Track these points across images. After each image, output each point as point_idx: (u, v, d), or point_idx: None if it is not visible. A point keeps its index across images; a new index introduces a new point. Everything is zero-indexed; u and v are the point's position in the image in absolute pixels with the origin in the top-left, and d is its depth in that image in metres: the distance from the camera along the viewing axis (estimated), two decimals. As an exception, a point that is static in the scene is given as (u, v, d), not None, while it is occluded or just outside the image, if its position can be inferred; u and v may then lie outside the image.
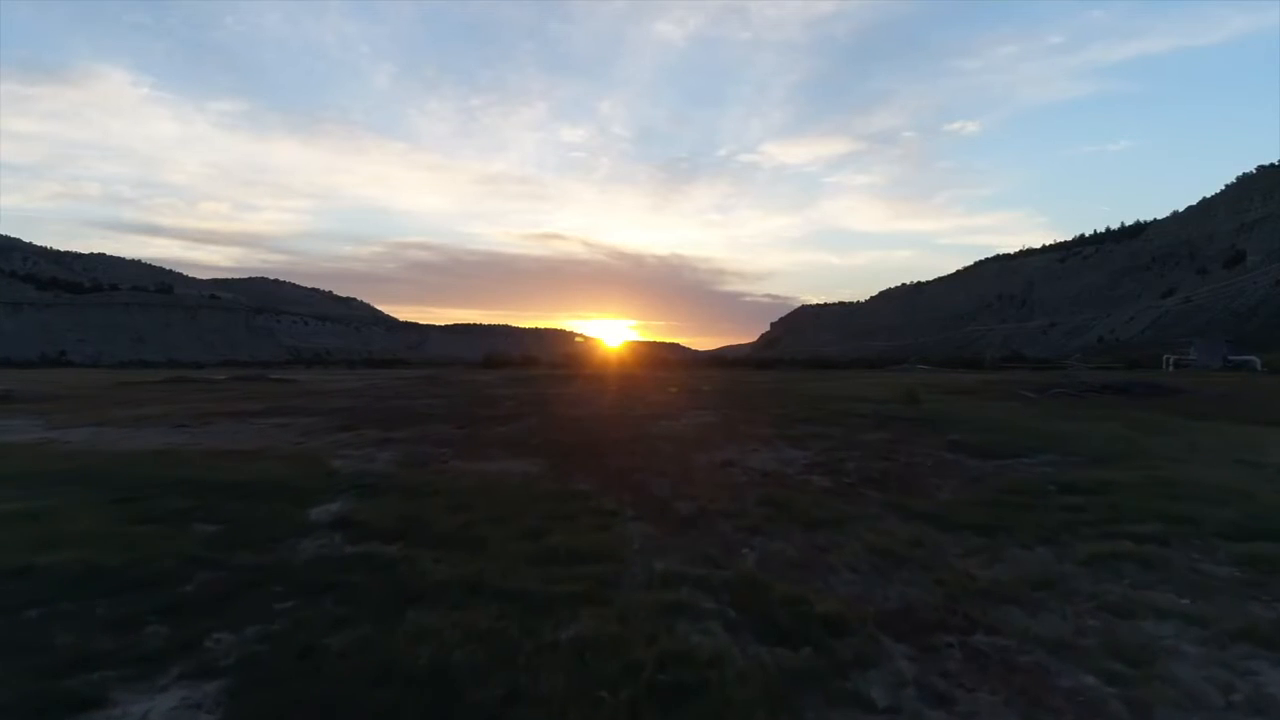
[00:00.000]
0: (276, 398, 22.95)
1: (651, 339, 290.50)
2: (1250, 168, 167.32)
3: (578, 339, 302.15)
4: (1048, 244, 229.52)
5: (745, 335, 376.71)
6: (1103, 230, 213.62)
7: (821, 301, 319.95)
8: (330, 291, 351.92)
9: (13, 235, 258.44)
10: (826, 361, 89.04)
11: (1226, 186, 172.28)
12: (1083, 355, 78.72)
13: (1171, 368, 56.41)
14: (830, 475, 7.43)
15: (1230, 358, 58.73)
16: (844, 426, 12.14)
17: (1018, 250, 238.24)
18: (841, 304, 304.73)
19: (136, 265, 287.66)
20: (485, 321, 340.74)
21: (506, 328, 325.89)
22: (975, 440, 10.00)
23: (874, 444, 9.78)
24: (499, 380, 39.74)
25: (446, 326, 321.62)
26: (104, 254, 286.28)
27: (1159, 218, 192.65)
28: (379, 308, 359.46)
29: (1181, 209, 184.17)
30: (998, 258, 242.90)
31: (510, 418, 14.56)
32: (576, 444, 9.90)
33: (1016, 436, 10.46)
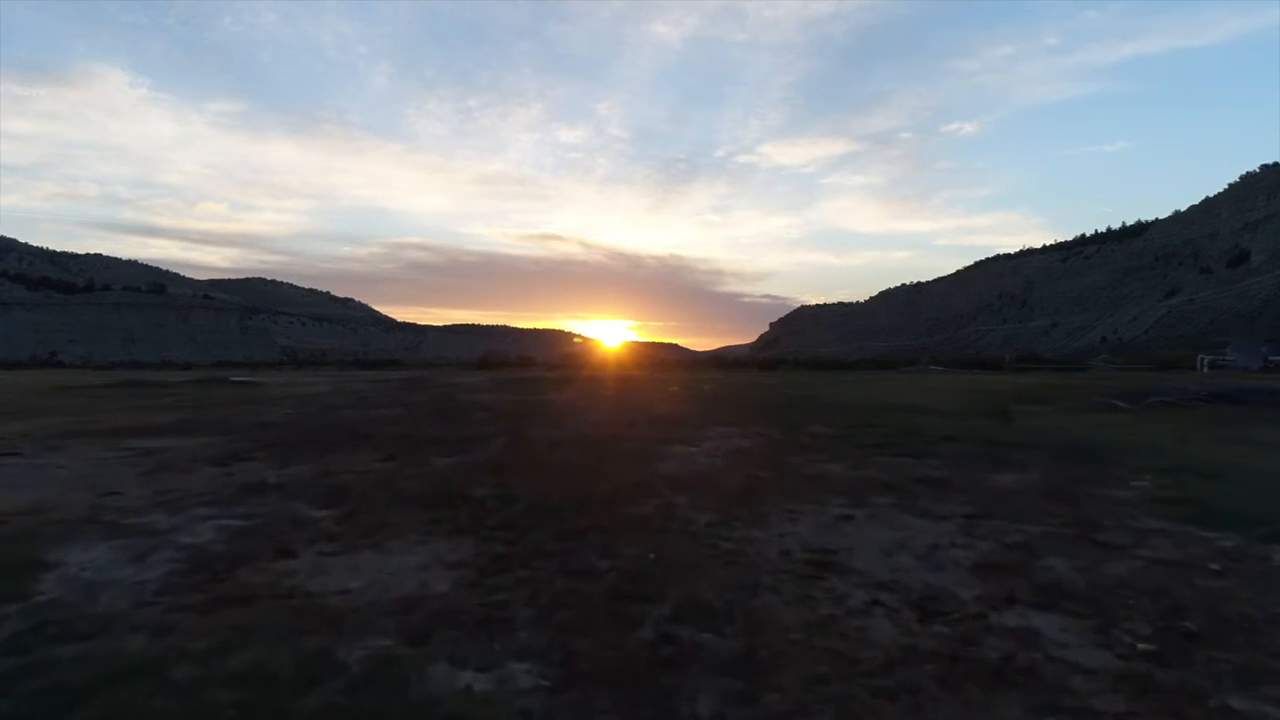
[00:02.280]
0: (204, 408, 19.08)
1: (650, 339, 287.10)
2: (1251, 167, 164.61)
3: (576, 339, 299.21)
4: (1048, 244, 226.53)
5: (744, 336, 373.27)
6: (1103, 230, 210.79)
7: (820, 302, 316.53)
8: (328, 292, 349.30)
9: (9, 236, 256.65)
10: (833, 362, 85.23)
11: (1230, 185, 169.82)
12: (1109, 356, 75.15)
13: (1207, 369, 52.82)
14: (1056, 612, 3.53)
15: (1271, 358, 55.10)
16: (942, 460, 8.31)
17: (1018, 250, 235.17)
18: (841, 304, 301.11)
19: (133, 265, 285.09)
20: (483, 322, 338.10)
21: (504, 328, 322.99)
22: (1197, 494, 6.17)
23: (1028, 504, 5.97)
24: (486, 383, 35.85)
25: (444, 327, 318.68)
26: (100, 254, 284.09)
27: (1160, 217, 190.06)
28: (377, 308, 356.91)
29: (1181, 209, 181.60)
30: (998, 258, 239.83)
31: (469, 442, 10.72)
32: (544, 503, 6.04)
33: (1250, 487, 6.63)
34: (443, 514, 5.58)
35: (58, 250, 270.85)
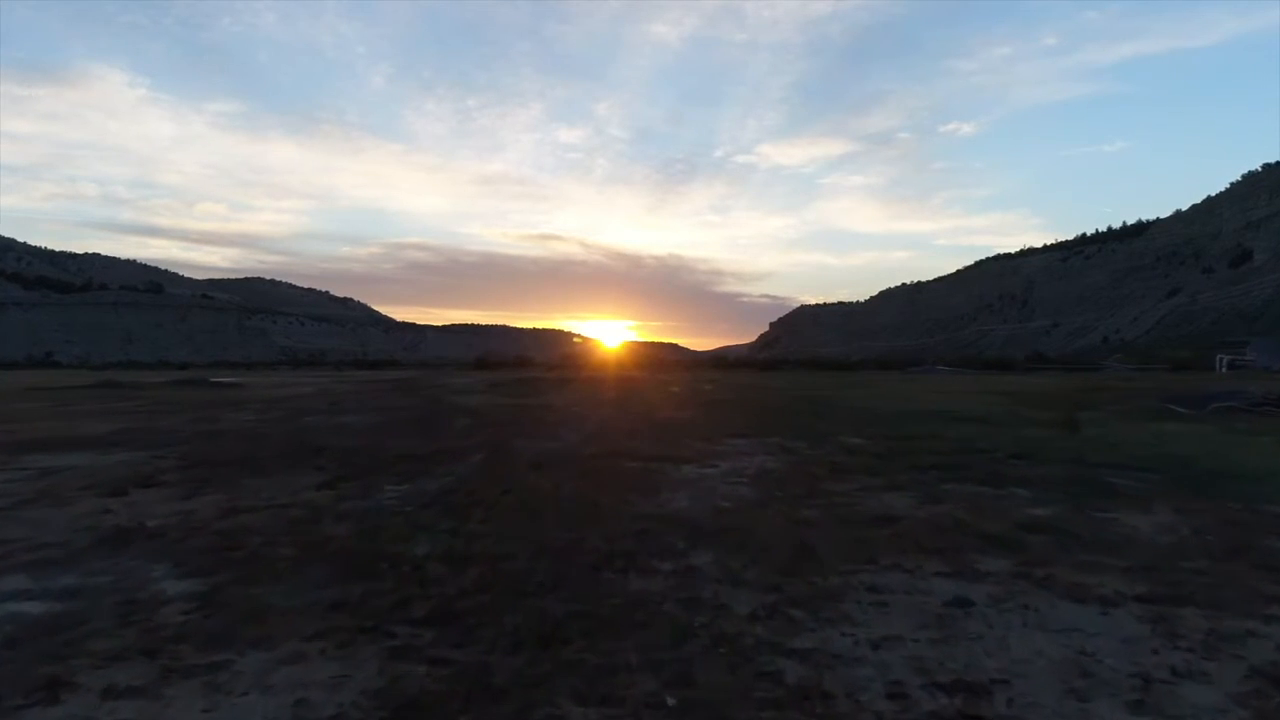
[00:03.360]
0: (158, 414, 17.24)
1: (649, 339, 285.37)
2: (1253, 166, 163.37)
3: (576, 339, 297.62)
4: (1049, 243, 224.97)
5: (743, 336, 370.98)
6: (1104, 229, 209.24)
7: (819, 302, 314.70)
8: (327, 292, 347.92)
9: (8, 236, 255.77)
10: (835, 363, 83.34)
11: (1232, 185, 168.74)
12: (1122, 356, 73.33)
13: (1225, 369, 51.14)
14: None
15: (1293, 358, 53.34)
16: (1033, 491, 6.45)
17: (1019, 250, 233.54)
18: (840, 304, 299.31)
19: (132, 265, 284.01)
20: (483, 322, 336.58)
21: (504, 328, 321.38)
22: None
23: (1212, 572, 4.11)
24: (479, 385, 33.99)
25: (444, 327, 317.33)
26: (99, 254, 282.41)
27: (1161, 217, 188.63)
28: (377, 308, 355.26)
29: (1183, 208, 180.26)
30: (998, 257, 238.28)
31: (438, 459, 8.89)
32: (507, 569, 4.18)
33: None
34: (354, 591, 3.73)
35: (57, 250, 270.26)
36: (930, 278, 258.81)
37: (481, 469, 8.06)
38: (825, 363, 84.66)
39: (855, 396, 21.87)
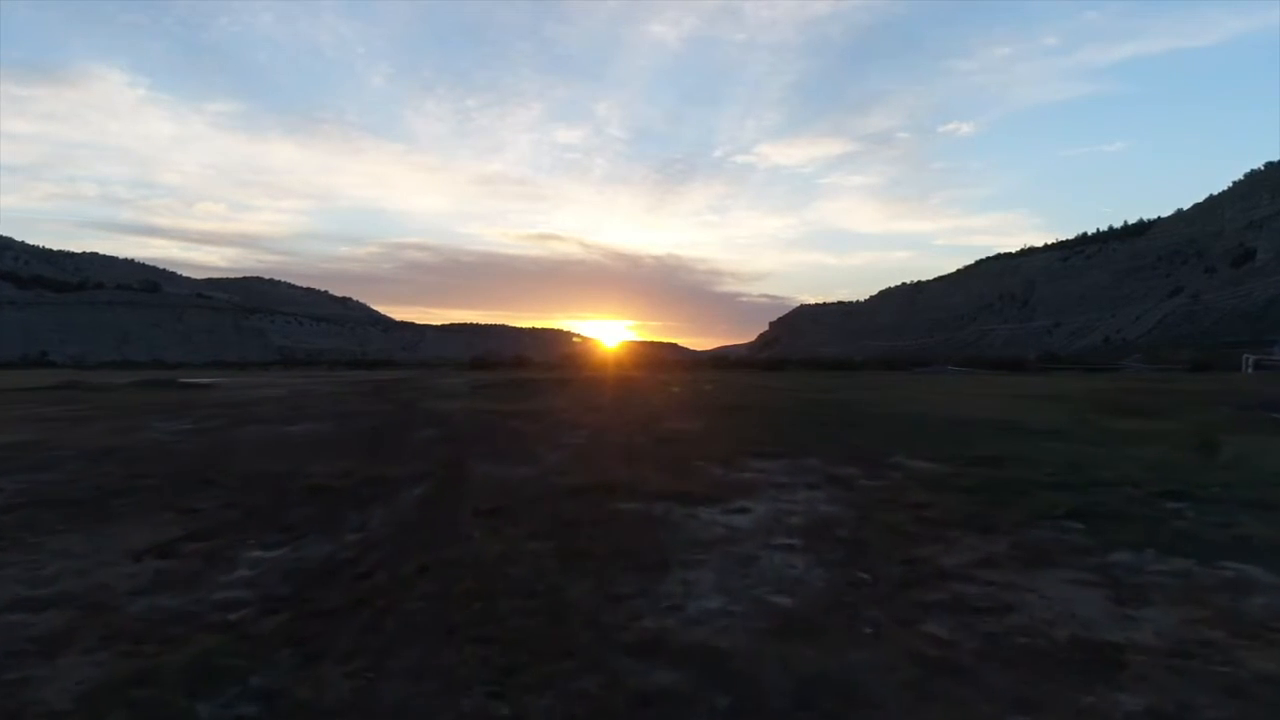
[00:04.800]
0: (78, 422, 14.77)
1: (649, 339, 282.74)
2: (1256, 165, 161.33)
3: (575, 339, 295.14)
4: (1049, 243, 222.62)
5: (743, 335, 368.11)
6: (1105, 229, 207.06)
7: (818, 301, 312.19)
8: (327, 291, 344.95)
9: (5, 235, 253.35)
10: (839, 362, 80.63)
11: (1234, 184, 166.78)
12: (1141, 356, 70.91)
13: (1251, 369, 48.80)
14: None
15: (1324, 358, 50.83)
16: (1268, 569, 4.06)
17: (1019, 249, 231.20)
18: (840, 304, 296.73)
19: (131, 265, 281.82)
20: (482, 322, 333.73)
21: (503, 328, 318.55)
22: None
23: None
24: (465, 388, 31.43)
25: (443, 326, 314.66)
26: (98, 253, 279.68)
27: (1163, 216, 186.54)
28: (376, 308, 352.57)
29: (1185, 207, 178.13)
30: (998, 257, 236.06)
31: (367, 494, 6.45)
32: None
33: None
34: None
35: (55, 249, 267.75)
36: (930, 277, 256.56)
37: (411, 517, 5.60)
38: (828, 362, 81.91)
39: (879, 400, 19.41)
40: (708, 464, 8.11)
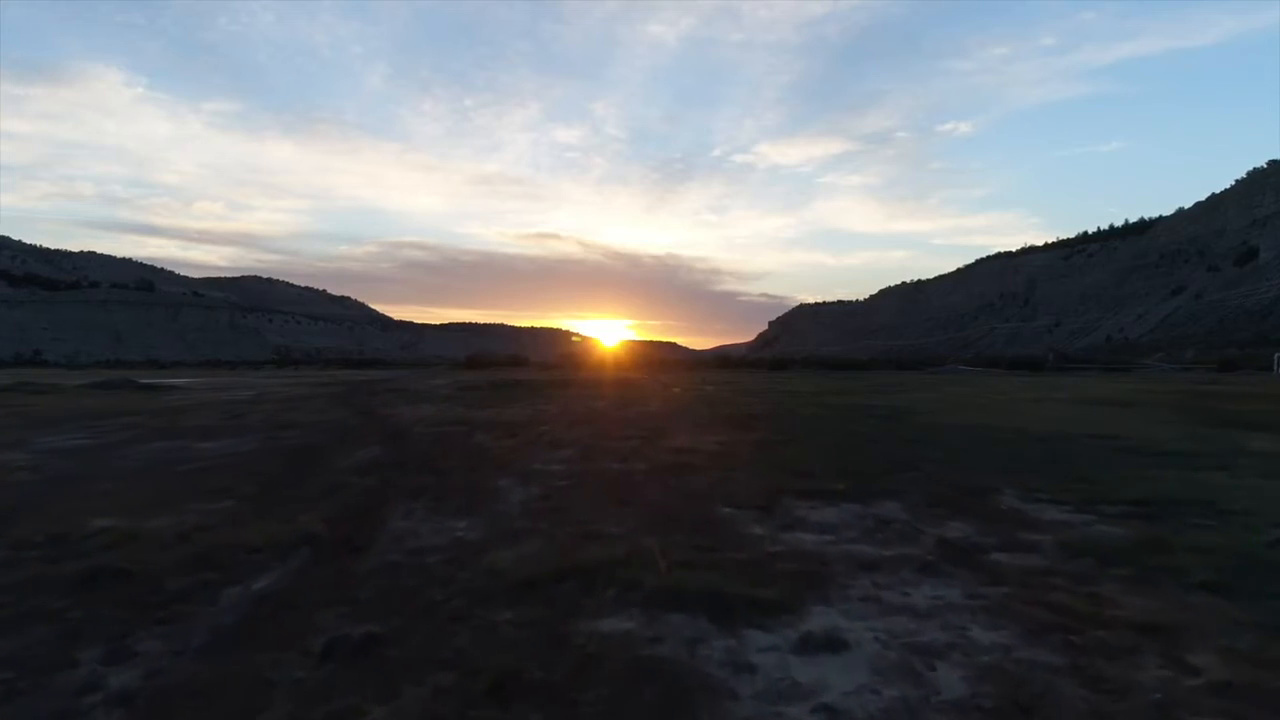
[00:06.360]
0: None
1: (648, 338, 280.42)
2: (1259, 163, 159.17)
3: (574, 339, 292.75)
4: (1050, 242, 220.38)
5: (741, 335, 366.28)
6: (1106, 228, 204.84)
7: (817, 301, 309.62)
8: (324, 291, 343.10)
9: (2, 234, 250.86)
10: (846, 362, 77.91)
11: (1236, 182, 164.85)
12: (1164, 355, 68.41)
13: None
14: None
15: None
16: None
17: (1020, 248, 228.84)
18: (840, 303, 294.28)
19: (128, 264, 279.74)
20: (481, 321, 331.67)
21: (502, 327, 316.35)
22: None
23: None
24: (446, 389, 28.86)
25: (441, 326, 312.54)
26: (94, 252, 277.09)
27: (1164, 215, 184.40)
28: (375, 307, 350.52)
29: (1187, 206, 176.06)
30: (999, 256, 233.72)
31: (198, 576, 4.02)
32: None
33: None
34: None
35: (52, 248, 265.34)
36: (928, 276, 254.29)
37: (184, 675, 3.11)
38: (834, 362, 79.31)
39: (922, 406, 16.90)
40: (739, 513, 5.65)
